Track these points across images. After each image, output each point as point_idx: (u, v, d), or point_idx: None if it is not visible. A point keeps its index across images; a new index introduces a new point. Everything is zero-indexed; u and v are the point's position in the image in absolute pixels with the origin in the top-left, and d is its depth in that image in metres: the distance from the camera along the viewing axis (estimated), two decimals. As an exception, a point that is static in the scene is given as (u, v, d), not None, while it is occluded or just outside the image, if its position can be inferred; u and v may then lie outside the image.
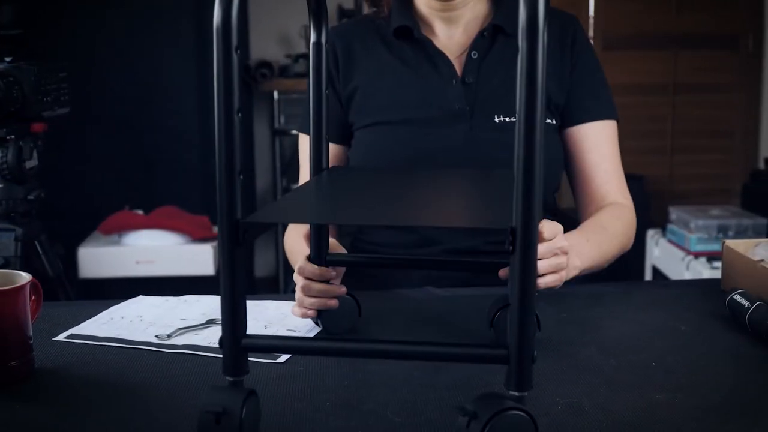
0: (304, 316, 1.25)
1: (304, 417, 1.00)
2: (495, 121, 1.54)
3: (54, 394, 1.08)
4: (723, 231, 3.20)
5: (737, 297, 1.27)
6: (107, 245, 3.28)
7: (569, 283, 1.34)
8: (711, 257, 3.24)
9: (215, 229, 3.48)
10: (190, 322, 1.32)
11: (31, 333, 1.13)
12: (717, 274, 3.16)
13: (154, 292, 1.50)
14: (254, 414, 0.91)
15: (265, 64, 4.05)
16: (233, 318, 0.88)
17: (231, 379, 0.91)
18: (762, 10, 4.69)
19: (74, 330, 1.30)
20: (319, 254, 1.25)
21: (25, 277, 1.14)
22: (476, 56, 1.57)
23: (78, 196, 3.48)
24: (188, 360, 1.18)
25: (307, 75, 4.16)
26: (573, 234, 1.42)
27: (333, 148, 1.61)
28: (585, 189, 1.59)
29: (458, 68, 1.57)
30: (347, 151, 1.63)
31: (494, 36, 1.58)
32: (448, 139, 1.53)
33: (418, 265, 1.47)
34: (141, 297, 1.46)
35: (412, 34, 1.56)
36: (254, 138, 4.43)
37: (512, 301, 0.83)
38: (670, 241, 3.69)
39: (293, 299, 1.43)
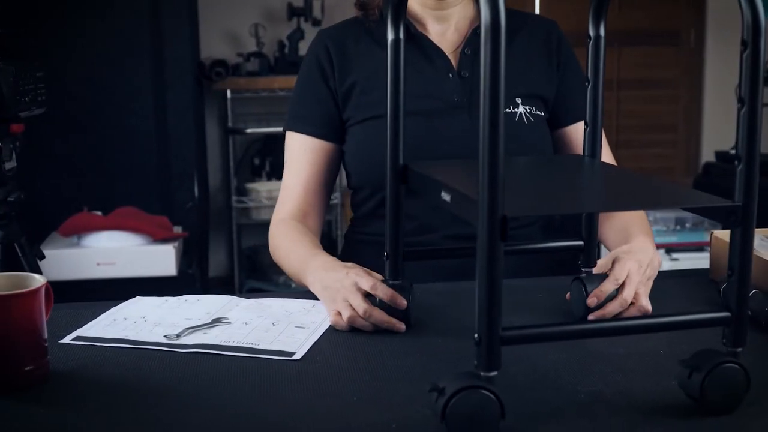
0: (345, 329, 1.29)
1: (335, 412, 1.01)
2: None
3: (74, 396, 1.07)
4: (680, 223, 3.28)
5: (732, 286, 1.31)
6: (67, 247, 3.23)
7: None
8: (670, 249, 3.32)
9: (176, 230, 3.46)
10: (195, 321, 1.32)
11: (46, 336, 1.12)
12: (677, 266, 3.27)
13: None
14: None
15: (220, 63, 4.03)
16: (492, 313, 0.89)
17: (487, 374, 0.90)
18: (703, 5, 4.80)
19: (79, 332, 1.29)
20: (395, 260, 1.27)
21: (38, 279, 1.13)
22: (469, 52, 1.63)
23: (35, 197, 3.42)
24: (203, 359, 1.18)
25: (259, 74, 4.15)
26: (636, 239, 1.46)
27: (325, 146, 1.64)
28: None
29: (453, 63, 1.63)
30: (339, 148, 1.65)
31: None
32: (449, 129, 1.58)
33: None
34: (138, 298, 1.45)
35: (407, 31, 1.59)
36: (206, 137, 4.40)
37: (734, 270, 0.97)
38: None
39: (288, 297, 1.44)
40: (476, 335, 0.90)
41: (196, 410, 1.02)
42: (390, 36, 1.21)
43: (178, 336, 1.26)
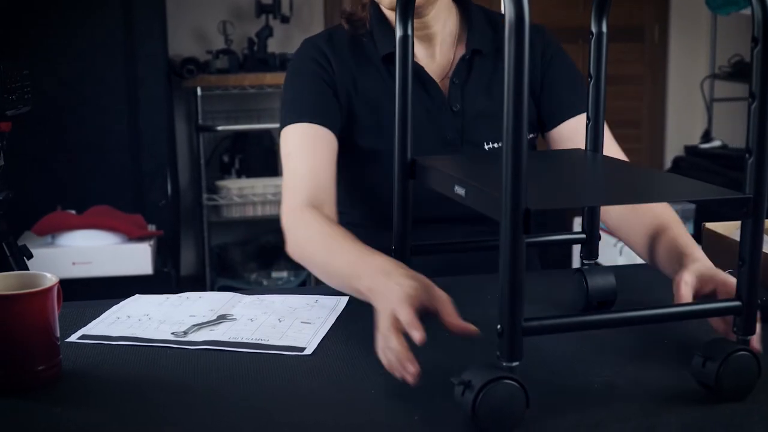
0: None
1: (356, 407, 1.02)
2: (485, 149, 1.58)
3: (88, 395, 1.07)
4: (654, 216, 3.32)
5: (728, 277, 1.34)
6: (41, 247, 3.19)
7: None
8: (643, 242, 3.35)
9: (150, 228, 3.44)
10: (200, 318, 1.32)
11: (58, 335, 1.12)
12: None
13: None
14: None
15: (191, 60, 4.01)
16: (515, 304, 0.91)
17: (510, 364, 0.93)
18: (666, 2, 4.86)
19: (84, 331, 1.29)
20: (403, 254, 1.28)
21: (50, 278, 1.13)
22: (458, 82, 1.59)
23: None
24: (214, 356, 1.18)
25: (228, 71, 4.14)
26: (692, 248, 1.32)
27: (330, 136, 1.52)
28: None
29: (444, 93, 1.59)
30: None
31: (471, 58, 1.60)
32: None
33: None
34: (138, 296, 1.45)
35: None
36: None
37: (745, 260, 1.00)
38: (601, 228, 3.79)
39: (290, 293, 1.44)
40: (499, 326, 0.92)
41: (213, 408, 1.03)
42: (398, 32, 1.22)
43: (185, 333, 1.26)
